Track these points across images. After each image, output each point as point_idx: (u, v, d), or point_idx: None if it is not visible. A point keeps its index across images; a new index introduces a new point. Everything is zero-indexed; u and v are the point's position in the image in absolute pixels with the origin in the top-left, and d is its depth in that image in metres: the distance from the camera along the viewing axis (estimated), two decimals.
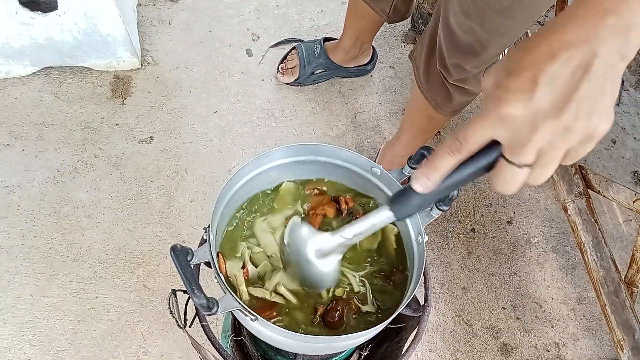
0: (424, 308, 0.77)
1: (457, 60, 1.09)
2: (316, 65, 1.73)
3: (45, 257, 1.42)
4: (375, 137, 1.73)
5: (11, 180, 1.52)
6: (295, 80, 1.75)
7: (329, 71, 1.76)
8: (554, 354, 1.45)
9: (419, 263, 0.69)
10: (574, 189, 1.43)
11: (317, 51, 1.73)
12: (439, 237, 1.58)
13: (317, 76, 1.76)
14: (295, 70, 1.74)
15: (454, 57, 1.09)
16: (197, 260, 0.63)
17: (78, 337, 1.33)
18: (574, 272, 1.58)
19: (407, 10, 1.45)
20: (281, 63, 1.78)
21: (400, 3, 1.40)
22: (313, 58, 1.73)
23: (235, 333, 0.95)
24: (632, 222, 1.69)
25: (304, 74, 1.73)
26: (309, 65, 1.72)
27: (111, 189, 1.54)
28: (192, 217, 1.52)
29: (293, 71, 1.74)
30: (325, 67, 1.75)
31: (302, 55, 1.73)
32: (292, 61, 1.75)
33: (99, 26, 1.56)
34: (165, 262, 1.44)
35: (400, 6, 1.41)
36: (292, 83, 1.76)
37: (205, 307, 0.55)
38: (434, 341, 1.43)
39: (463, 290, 1.51)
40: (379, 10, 1.43)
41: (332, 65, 1.74)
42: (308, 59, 1.72)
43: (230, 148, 1.65)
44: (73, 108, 1.66)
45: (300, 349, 0.71)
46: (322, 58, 1.73)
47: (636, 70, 2.12)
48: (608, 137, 1.88)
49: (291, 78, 1.75)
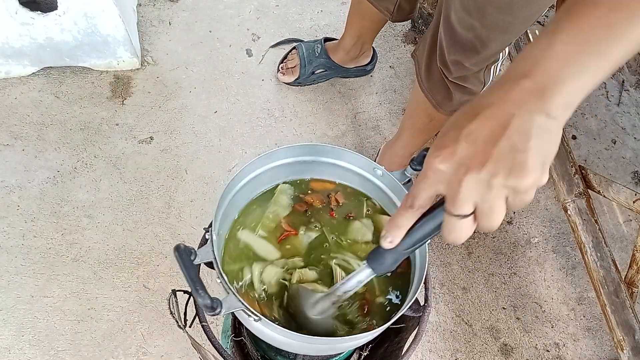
0: (424, 308, 0.78)
1: (457, 57, 1.09)
2: (317, 65, 1.73)
3: (45, 257, 1.42)
4: (375, 137, 1.73)
5: (11, 180, 1.52)
6: (296, 80, 1.75)
7: (329, 71, 1.75)
8: (554, 354, 1.46)
9: (421, 265, 0.69)
10: (574, 189, 1.43)
11: (317, 51, 1.73)
12: (438, 237, 1.58)
13: (317, 76, 1.75)
14: (296, 70, 1.74)
15: (454, 54, 1.09)
16: (199, 260, 0.62)
17: (78, 337, 1.33)
18: (574, 272, 1.58)
19: (411, 9, 1.44)
20: (281, 63, 1.78)
21: (405, 2, 1.40)
22: (314, 58, 1.72)
23: (235, 333, 0.95)
24: (632, 222, 1.69)
25: (304, 73, 1.73)
26: (310, 64, 1.72)
27: (111, 189, 1.54)
28: (192, 217, 1.52)
29: (293, 71, 1.74)
30: (325, 67, 1.74)
31: (303, 55, 1.73)
32: (293, 61, 1.75)
33: (99, 26, 1.56)
34: (165, 262, 1.44)
35: (405, 5, 1.41)
36: (293, 83, 1.76)
37: (209, 307, 0.55)
38: (434, 341, 1.43)
39: (463, 290, 1.51)
40: (382, 8, 1.42)
41: (333, 65, 1.74)
42: (309, 59, 1.72)
43: (230, 148, 1.65)
44: (73, 108, 1.66)
45: (302, 349, 0.71)
46: (322, 58, 1.72)
47: (636, 70, 2.12)
48: (608, 137, 1.89)
49: (291, 78, 1.75)
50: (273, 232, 0.75)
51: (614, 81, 2.05)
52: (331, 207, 0.79)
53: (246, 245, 0.74)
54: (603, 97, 2.00)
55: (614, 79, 2.06)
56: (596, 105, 1.97)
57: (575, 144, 1.85)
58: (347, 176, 0.80)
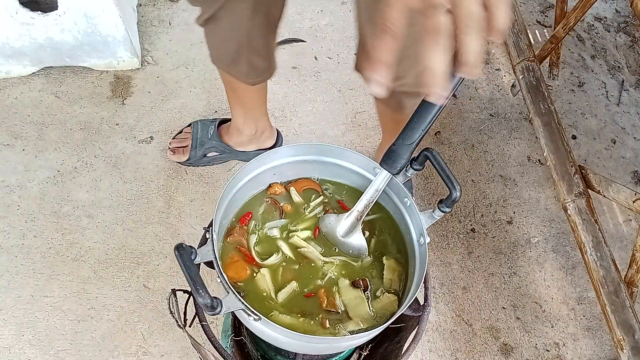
0: (424, 308, 0.78)
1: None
2: (208, 147, 1.56)
3: (45, 257, 1.42)
4: (375, 137, 1.73)
5: (11, 180, 1.52)
6: (187, 161, 1.58)
7: (223, 155, 1.58)
8: (554, 354, 1.46)
9: (421, 264, 0.69)
10: (574, 189, 1.43)
11: (210, 132, 1.57)
12: (439, 237, 1.58)
13: (210, 158, 1.58)
14: (187, 150, 1.57)
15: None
16: (199, 259, 0.63)
17: (78, 337, 1.33)
18: (574, 272, 1.59)
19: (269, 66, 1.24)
20: (174, 138, 1.61)
21: (258, 59, 1.19)
22: (206, 139, 1.56)
23: (235, 333, 0.95)
24: (632, 222, 1.69)
25: (194, 155, 1.56)
26: (201, 147, 1.56)
27: (111, 188, 1.54)
28: (192, 217, 1.52)
29: (184, 150, 1.57)
30: (219, 150, 1.57)
31: (196, 135, 1.57)
32: (185, 140, 1.59)
33: (99, 26, 1.56)
34: (166, 262, 1.44)
35: (259, 62, 1.20)
36: (184, 163, 1.59)
37: (209, 307, 0.55)
38: (434, 341, 1.43)
39: (463, 290, 1.52)
40: (237, 74, 1.23)
41: (227, 149, 1.56)
42: (201, 140, 1.56)
43: None
44: (73, 108, 1.66)
45: (302, 348, 0.71)
46: (214, 140, 1.56)
47: (636, 70, 2.12)
48: (608, 137, 1.89)
49: (182, 157, 1.57)
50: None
51: (614, 81, 2.05)
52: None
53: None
54: (603, 97, 2.00)
55: (613, 79, 2.06)
56: (596, 105, 1.97)
57: (575, 143, 1.85)
58: (347, 175, 0.80)
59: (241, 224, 0.75)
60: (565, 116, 1.91)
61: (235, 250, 0.73)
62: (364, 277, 0.73)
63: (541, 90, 1.63)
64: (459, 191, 0.68)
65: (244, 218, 0.76)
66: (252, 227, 0.76)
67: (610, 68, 2.09)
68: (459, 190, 0.68)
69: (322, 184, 0.81)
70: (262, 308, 0.68)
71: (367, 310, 0.70)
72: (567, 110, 1.93)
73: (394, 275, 0.74)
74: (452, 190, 0.68)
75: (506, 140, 1.82)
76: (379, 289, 0.73)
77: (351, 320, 0.69)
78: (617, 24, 2.25)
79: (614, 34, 2.22)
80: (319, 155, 0.78)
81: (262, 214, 0.78)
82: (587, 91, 2.00)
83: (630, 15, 2.28)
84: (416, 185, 1.65)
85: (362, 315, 0.70)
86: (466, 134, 1.80)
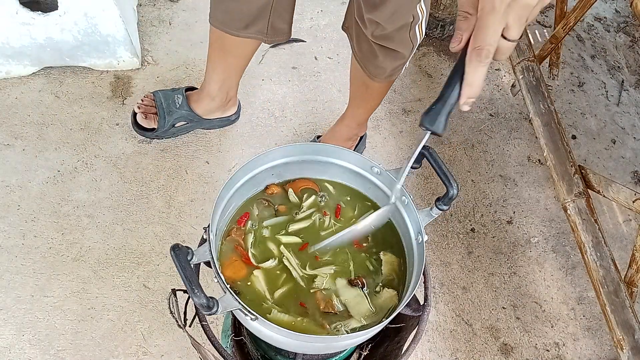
0: (424, 308, 0.78)
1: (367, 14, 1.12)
2: (177, 117, 1.57)
3: (45, 257, 1.42)
4: (375, 136, 1.73)
5: (11, 180, 1.52)
6: (154, 132, 1.58)
7: (190, 124, 1.61)
8: (554, 354, 1.46)
9: (419, 262, 0.70)
10: (574, 189, 1.43)
11: (178, 102, 1.56)
12: (439, 236, 1.58)
13: (177, 129, 1.60)
14: (156, 119, 1.58)
15: (367, 12, 1.12)
16: (197, 259, 0.63)
17: (78, 337, 1.33)
18: (574, 272, 1.59)
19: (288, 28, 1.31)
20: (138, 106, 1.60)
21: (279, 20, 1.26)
22: (174, 108, 1.56)
23: (235, 333, 0.95)
24: (632, 222, 1.69)
25: (163, 125, 1.56)
26: (170, 116, 1.55)
27: (111, 188, 1.54)
28: (192, 217, 1.52)
29: (155, 118, 1.57)
30: (187, 119, 1.59)
31: (161, 104, 1.56)
32: (151, 108, 1.58)
33: (99, 26, 1.56)
34: (165, 262, 1.44)
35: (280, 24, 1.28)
36: (149, 134, 1.59)
37: (205, 306, 0.55)
38: (434, 341, 1.43)
39: (463, 290, 1.52)
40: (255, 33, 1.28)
41: (195, 117, 1.59)
42: (168, 109, 1.56)
43: (230, 148, 1.65)
44: (73, 108, 1.66)
45: (300, 348, 0.71)
46: (184, 109, 1.56)
47: (636, 70, 2.12)
48: (608, 137, 1.89)
49: (151, 124, 1.57)
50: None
51: (614, 81, 2.05)
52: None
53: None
54: (603, 97, 2.00)
55: (613, 79, 2.06)
56: (596, 105, 1.97)
57: (575, 143, 1.85)
58: (344, 174, 0.80)
59: (239, 224, 0.75)
60: (565, 116, 1.91)
61: (233, 250, 0.73)
62: (360, 275, 0.73)
63: (541, 90, 1.63)
64: (456, 189, 0.68)
65: (242, 219, 0.76)
66: (249, 227, 0.76)
67: (610, 68, 2.09)
68: (457, 188, 0.68)
69: (320, 184, 0.81)
70: (260, 308, 0.68)
71: (368, 307, 0.71)
72: (567, 110, 1.93)
73: (392, 270, 0.74)
74: (449, 188, 0.69)
75: (506, 140, 1.82)
76: (377, 285, 0.73)
77: (352, 318, 0.70)
78: (617, 24, 2.25)
79: (614, 34, 2.22)
80: (318, 155, 0.78)
81: (259, 214, 0.78)
82: (587, 91, 2.00)
83: (630, 15, 2.27)
84: (416, 184, 1.65)
85: (363, 312, 0.70)
86: (466, 133, 1.80)
